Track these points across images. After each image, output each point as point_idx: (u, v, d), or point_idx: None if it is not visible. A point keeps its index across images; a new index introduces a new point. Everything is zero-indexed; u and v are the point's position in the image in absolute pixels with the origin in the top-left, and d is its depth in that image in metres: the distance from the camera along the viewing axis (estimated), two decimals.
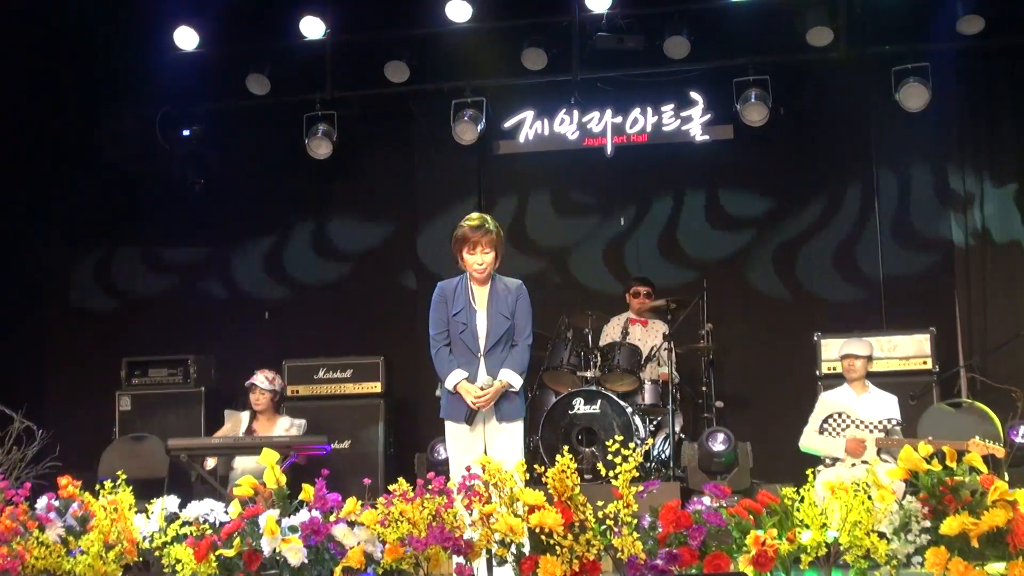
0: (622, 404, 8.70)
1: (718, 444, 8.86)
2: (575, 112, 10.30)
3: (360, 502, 5.40)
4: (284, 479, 5.56)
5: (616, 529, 5.14)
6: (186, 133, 10.77)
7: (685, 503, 5.44)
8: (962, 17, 9.25)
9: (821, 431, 7.86)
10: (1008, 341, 9.27)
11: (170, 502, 5.65)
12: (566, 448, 5.43)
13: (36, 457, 6.76)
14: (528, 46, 9.92)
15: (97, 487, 5.67)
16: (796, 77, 10.04)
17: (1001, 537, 4.83)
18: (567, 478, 5.12)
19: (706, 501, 5.43)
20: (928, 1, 9.51)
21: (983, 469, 5.07)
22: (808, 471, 5.44)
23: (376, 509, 5.27)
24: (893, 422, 7.74)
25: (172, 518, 5.55)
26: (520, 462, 5.33)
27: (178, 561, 5.35)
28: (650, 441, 8.81)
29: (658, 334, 9.47)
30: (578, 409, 8.75)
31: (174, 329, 10.84)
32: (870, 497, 5.07)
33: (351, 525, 5.29)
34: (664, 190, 10.64)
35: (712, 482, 6.10)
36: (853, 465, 7.57)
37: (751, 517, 5.25)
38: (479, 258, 6.29)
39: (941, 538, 4.88)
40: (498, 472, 5.13)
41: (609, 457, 5.18)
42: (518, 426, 6.35)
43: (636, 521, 5.22)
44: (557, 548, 4.99)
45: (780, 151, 10.30)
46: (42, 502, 5.68)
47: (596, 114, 10.29)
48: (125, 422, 9.84)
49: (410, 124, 10.87)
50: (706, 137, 10.18)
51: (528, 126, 10.41)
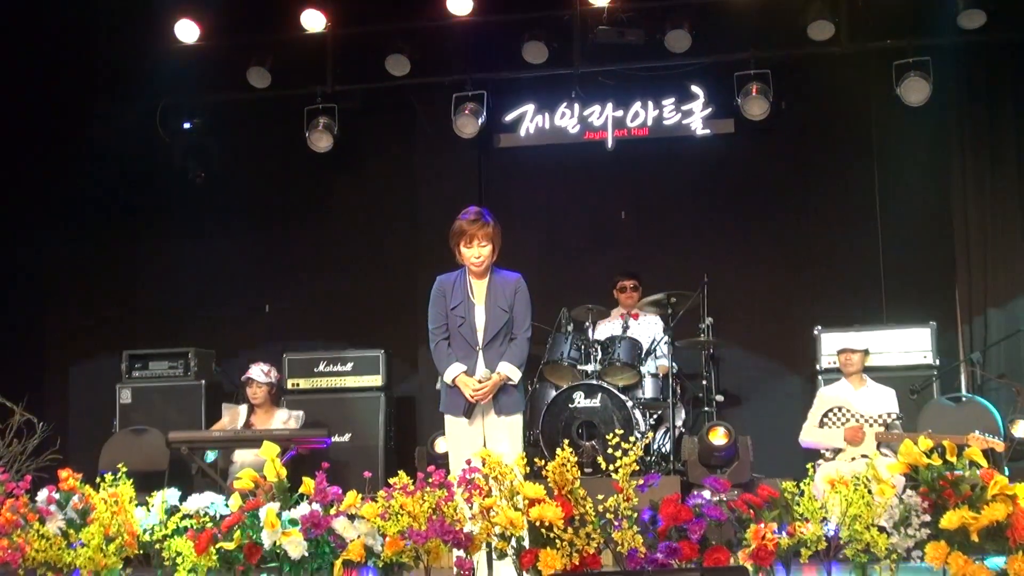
0: (622, 398, 8.70)
1: (718, 438, 8.87)
2: (576, 106, 10.30)
3: (360, 495, 5.40)
4: (284, 472, 5.57)
5: (616, 523, 5.15)
6: (187, 126, 10.77)
7: (685, 497, 5.44)
8: (963, 11, 9.23)
9: (821, 425, 7.87)
10: (1009, 335, 9.28)
11: (170, 495, 5.64)
12: (566, 442, 5.45)
13: (37, 450, 6.78)
14: (529, 40, 9.91)
15: (98, 480, 5.67)
16: (797, 71, 10.03)
17: (1001, 531, 4.83)
18: (567, 472, 5.12)
19: (706, 495, 5.43)
20: None
21: (983, 463, 5.07)
22: (808, 465, 5.44)
23: (376, 502, 5.27)
24: (892, 416, 7.76)
25: (172, 511, 5.54)
26: (520, 455, 5.33)
27: (179, 554, 5.34)
28: (650, 435, 8.81)
29: (652, 327, 9.49)
30: (578, 403, 8.74)
31: (175, 322, 10.85)
32: (870, 491, 5.08)
33: (351, 518, 5.29)
34: (665, 184, 10.63)
35: (712, 476, 6.09)
36: (853, 459, 7.58)
37: (751, 511, 5.25)
38: (476, 251, 6.29)
39: (941, 532, 4.88)
40: (498, 466, 5.13)
41: (609, 451, 5.18)
42: (517, 419, 6.35)
43: (636, 515, 5.23)
44: (557, 541, 4.99)
45: (781, 145, 10.31)
46: (43, 495, 5.67)
47: (597, 108, 10.29)
48: (125, 415, 9.84)
49: (411, 117, 10.85)
50: (707, 131, 10.18)
51: (529, 120, 10.42)
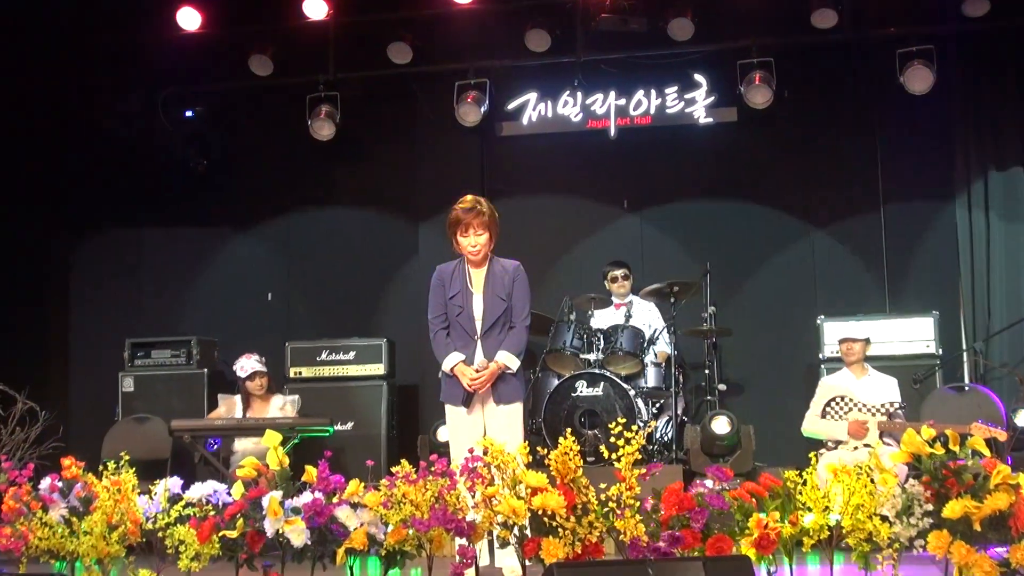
0: (625, 387, 8.70)
1: (721, 427, 8.88)
2: (579, 94, 10.29)
3: (363, 484, 5.41)
4: (287, 460, 5.57)
5: (619, 511, 5.14)
6: (189, 114, 10.78)
7: (688, 486, 5.44)
8: None
9: (823, 415, 7.87)
10: (1012, 325, 9.28)
11: (173, 483, 5.65)
12: (569, 430, 5.44)
13: (39, 438, 6.77)
14: (532, 28, 9.89)
15: (100, 468, 5.68)
16: (801, 59, 10.01)
17: (1003, 521, 4.83)
18: (570, 460, 5.12)
19: (709, 484, 5.43)
20: None
21: (986, 453, 5.07)
22: (811, 454, 5.45)
23: (379, 491, 5.28)
24: (895, 405, 7.76)
25: (175, 499, 5.55)
26: (523, 444, 5.34)
27: (181, 542, 5.35)
28: (653, 424, 8.82)
29: (646, 313, 9.50)
30: (581, 391, 8.75)
31: (177, 311, 10.87)
32: (872, 480, 5.07)
33: (354, 507, 5.29)
34: (667, 172, 10.61)
35: (715, 465, 6.09)
36: (855, 448, 7.58)
37: (754, 500, 5.25)
38: (472, 240, 6.31)
39: (943, 521, 4.88)
40: (501, 454, 5.14)
41: (612, 439, 5.18)
42: (516, 408, 6.35)
43: (639, 503, 5.22)
44: (560, 530, 4.99)
45: (784, 134, 10.29)
46: (45, 483, 5.68)
47: (600, 96, 10.27)
48: (128, 403, 9.86)
49: (413, 106, 10.84)
50: (710, 119, 10.17)
51: (531, 108, 10.41)
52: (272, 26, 10.26)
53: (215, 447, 8.70)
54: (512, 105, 10.44)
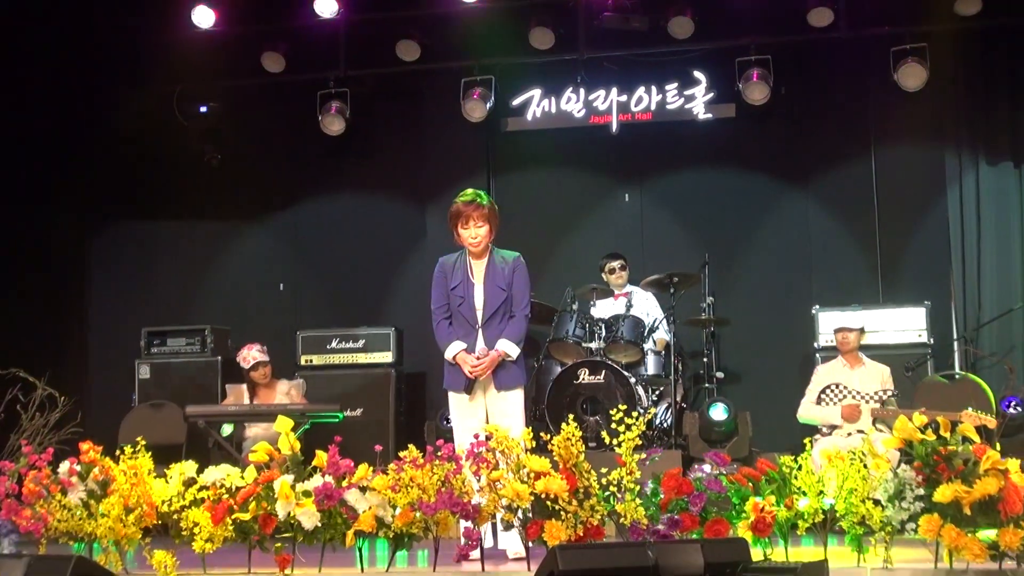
0: (626, 374, 8.70)
1: (719, 414, 8.88)
2: (581, 90, 10.28)
3: (372, 468, 5.42)
4: (298, 445, 5.58)
5: (619, 495, 5.16)
6: (203, 109, 10.75)
7: (686, 470, 5.45)
8: None
9: (818, 402, 7.87)
10: (1001, 315, 9.27)
11: (188, 467, 5.66)
12: (571, 417, 5.46)
13: (59, 423, 6.77)
14: (536, 26, 9.88)
15: (117, 452, 5.69)
16: (797, 57, 10.00)
17: (993, 505, 4.83)
18: (572, 446, 5.13)
19: (707, 469, 5.43)
20: None
21: (976, 439, 5.07)
22: (806, 440, 5.44)
23: (387, 475, 5.29)
24: (888, 393, 7.75)
25: (190, 482, 5.56)
26: (527, 430, 5.34)
27: (196, 524, 5.37)
28: (653, 410, 8.82)
29: (644, 302, 9.51)
30: (583, 379, 8.75)
31: (192, 300, 10.87)
32: (866, 465, 5.08)
33: (363, 490, 5.30)
34: (667, 167, 10.60)
35: (713, 450, 6.09)
36: (849, 435, 7.58)
37: (750, 484, 5.26)
38: (473, 232, 6.31)
39: (934, 505, 4.88)
40: (505, 440, 5.15)
41: (613, 425, 5.19)
42: (517, 394, 6.35)
43: (639, 487, 5.24)
44: (562, 513, 5.00)
45: (781, 129, 10.27)
46: (64, 467, 5.68)
47: (602, 92, 10.26)
48: (144, 390, 9.86)
49: (421, 102, 10.85)
50: (709, 115, 10.15)
51: (535, 104, 10.40)
52: (284, 24, 10.25)
53: (230, 432, 8.71)
54: (517, 101, 10.43)
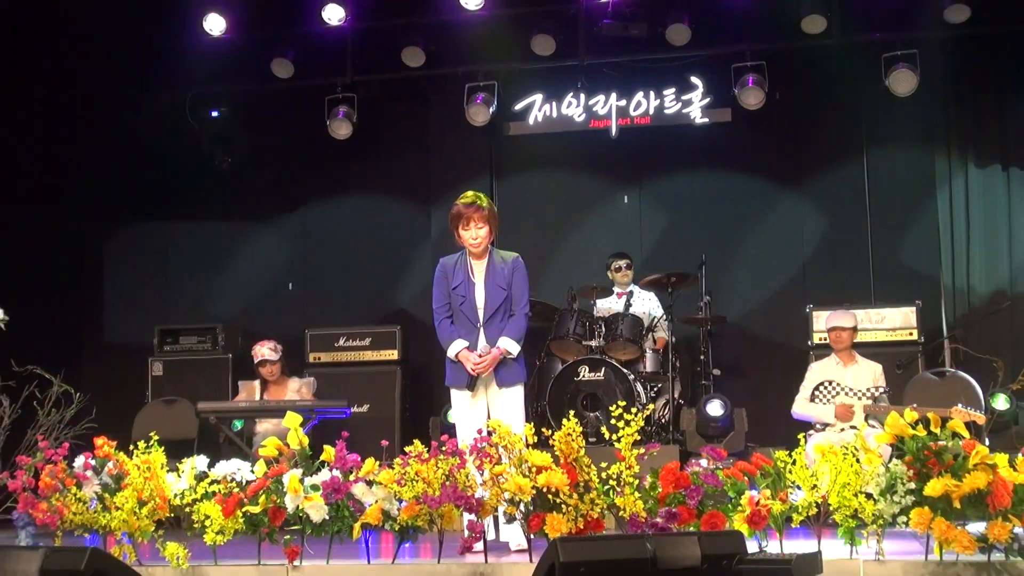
0: (625, 371, 8.70)
1: (715, 409, 8.87)
2: (582, 95, 10.29)
3: (378, 462, 5.42)
4: (307, 440, 5.58)
5: (619, 489, 5.16)
6: (214, 114, 10.77)
7: (684, 465, 5.45)
8: (949, 6, 9.19)
9: (812, 399, 7.86)
10: (989, 313, 9.27)
11: (200, 461, 5.66)
12: (572, 413, 5.45)
13: (74, 419, 6.78)
14: (537, 33, 9.89)
15: (131, 447, 5.69)
16: (791, 63, 9.99)
17: (982, 498, 4.83)
18: (573, 441, 5.13)
19: (703, 463, 5.43)
20: None
21: (965, 435, 5.07)
22: (800, 435, 5.44)
23: (393, 469, 5.29)
24: (880, 390, 7.74)
25: (201, 476, 5.56)
26: (528, 426, 5.34)
27: (207, 517, 5.36)
28: (651, 406, 8.82)
29: (645, 301, 9.50)
30: (583, 376, 8.76)
31: (203, 299, 10.87)
32: (858, 460, 5.07)
33: (369, 484, 5.30)
34: (665, 170, 10.61)
35: (709, 445, 6.09)
36: (842, 430, 7.57)
37: (746, 478, 5.26)
38: (473, 233, 6.30)
39: (925, 499, 4.88)
40: (508, 435, 5.15)
41: (612, 421, 5.19)
42: (518, 390, 6.34)
43: (637, 481, 5.23)
44: (563, 507, 5.00)
45: (776, 133, 10.28)
46: (79, 461, 5.68)
47: (601, 97, 10.27)
48: (157, 386, 9.88)
49: (426, 106, 10.87)
50: (705, 120, 10.16)
51: (537, 109, 10.40)
52: (293, 32, 10.27)
53: (240, 427, 8.71)
54: (519, 106, 10.44)
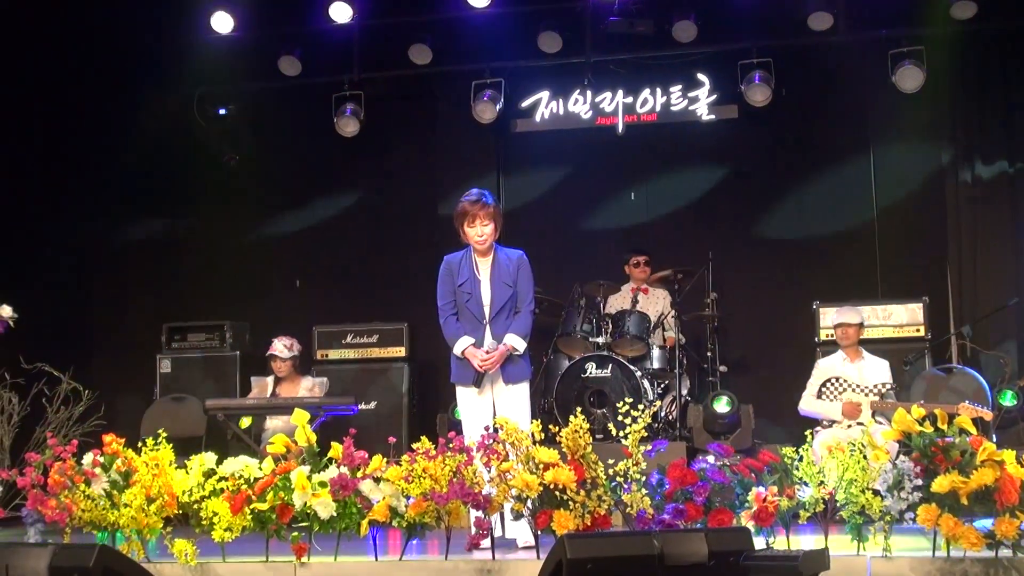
0: (631, 368, 8.70)
1: (722, 406, 8.86)
2: (588, 93, 10.25)
3: (385, 459, 5.41)
4: (314, 438, 5.58)
5: (626, 485, 5.16)
6: (222, 112, 10.76)
7: (691, 461, 5.44)
8: (956, 2, 9.16)
9: (819, 395, 7.85)
10: (997, 310, 9.23)
11: (208, 458, 5.66)
12: (579, 409, 5.45)
13: (83, 416, 6.80)
14: (544, 30, 9.86)
15: (139, 444, 5.69)
16: (798, 60, 9.97)
17: (989, 495, 4.83)
18: (580, 437, 5.13)
19: (710, 460, 5.42)
20: None
21: (972, 431, 5.06)
22: (807, 432, 5.43)
23: (400, 466, 5.29)
24: (887, 386, 7.72)
25: (210, 474, 5.56)
26: (535, 423, 5.34)
27: (215, 514, 5.37)
28: (658, 403, 8.82)
29: (659, 301, 9.50)
30: (590, 373, 8.75)
31: (211, 296, 10.87)
32: (865, 457, 5.07)
33: (377, 481, 5.30)
34: (672, 166, 10.59)
35: (716, 442, 6.08)
36: (849, 427, 7.56)
37: (753, 475, 5.25)
38: (479, 230, 6.31)
39: (932, 496, 4.88)
40: (515, 432, 5.14)
41: (619, 418, 5.18)
42: (524, 387, 6.34)
43: (644, 478, 5.23)
44: (570, 503, 5.00)
45: (782, 130, 10.25)
46: (88, 458, 5.69)
47: (608, 94, 10.24)
48: (165, 384, 9.88)
49: (433, 104, 10.85)
50: (712, 116, 10.13)
51: (544, 106, 10.37)
52: (300, 29, 10.25)
53: (248, 424, 8.72)
54: (526, 103, 10.41)
